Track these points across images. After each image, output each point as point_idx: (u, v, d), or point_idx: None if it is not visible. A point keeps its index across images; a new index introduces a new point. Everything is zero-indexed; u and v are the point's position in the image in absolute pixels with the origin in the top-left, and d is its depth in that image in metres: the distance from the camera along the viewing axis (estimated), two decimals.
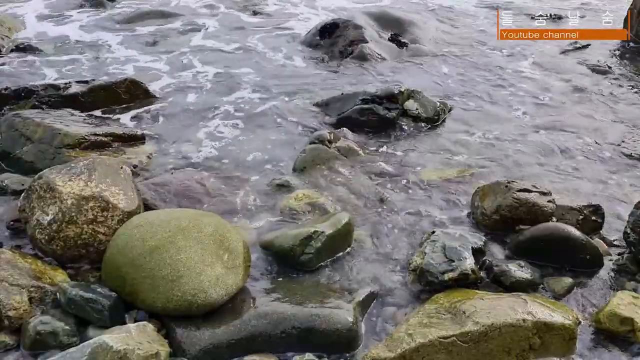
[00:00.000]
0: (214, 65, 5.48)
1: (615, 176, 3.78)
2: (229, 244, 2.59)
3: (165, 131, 4.17)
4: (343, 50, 5.76)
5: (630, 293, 2.65)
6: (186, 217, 2.64)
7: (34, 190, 2.78)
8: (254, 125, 4.33)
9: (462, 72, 5.45)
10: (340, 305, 2.52)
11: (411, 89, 4.48)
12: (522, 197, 3.07)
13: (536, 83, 5.25)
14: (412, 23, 6.34)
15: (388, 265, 2.93)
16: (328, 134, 3.93)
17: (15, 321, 2.37)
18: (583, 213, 3.13)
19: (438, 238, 2.83)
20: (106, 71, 5.27)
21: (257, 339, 2.37)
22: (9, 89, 4.31)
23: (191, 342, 2.34)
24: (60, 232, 2.67)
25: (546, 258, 2.87)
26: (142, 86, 4.65)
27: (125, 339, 2.16)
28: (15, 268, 2.52)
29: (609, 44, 6.10)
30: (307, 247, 2.79)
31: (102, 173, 2.88)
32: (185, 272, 2.42)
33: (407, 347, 2.22)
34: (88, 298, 2.40)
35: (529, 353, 2.31)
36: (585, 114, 4.65)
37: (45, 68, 5.32)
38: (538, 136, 4.30)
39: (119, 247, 2.56)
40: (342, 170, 3.70)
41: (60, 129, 3.60)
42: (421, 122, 4.32)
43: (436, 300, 2.55)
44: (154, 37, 6.20)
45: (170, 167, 3.70)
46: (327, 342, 2.38)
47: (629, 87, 5.12)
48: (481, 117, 4.59)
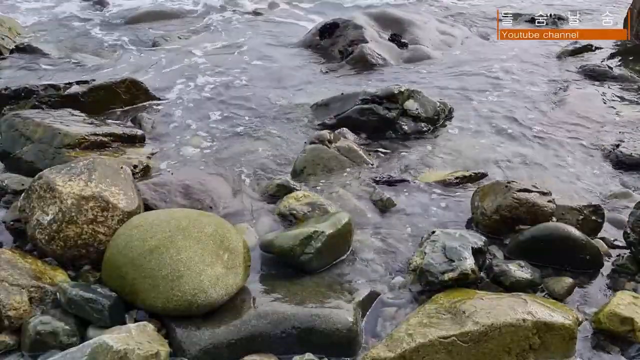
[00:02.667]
0: (214, 65, 5.48)
1: (615, 176, 3.78)
2: (229, 244, 2.59)
3: (165, 131, 4.18)
4: (343, 50, 5.76)
5: (630, 293, 2.65)
6: (186, 217, 2.64)
7: (34, 190, 2.78)
8: (254, 125, 4.33)
9: (462, 72, 5.45)
10: (340, 305, 2.52)
11: (411, 89, 4.48)
12: (522, 197, 3.07)
13: (535, 83, 5.24)
14: (412, 23, 6.34)
15: (388, 265, 2.92)
16: (328, 134, 3.93)
17: (15, 321, 2.37)
18: (583, 213, 3.13)
19: (438, 238, 2.83)
20: (106, 71, 5.27)
21: (257, 339, 2.37)
22: (9, 89, 4.31)
23: (191, 342, 2.34)
24: (60, 232, 2.66)
25: (546, 258, 2.87)
26: (142, 86, 4.65)
27: (125, 339, 2.16)
28: (15, 268, 2.52)
29: (609, 44, 6.10)
30: (307, 247, 2.79)
31: (102, 173, 2.88)
32: (185, 272, 2.42)
33: (407, 347, 2.22)
34: (88, 298, 2.40)
35: (529, 353, 2.31)
36: (585, 114, 4.65)
37: (45, 68, 5.32)
38: (538, 136, 4.29)
39: (119, 247, 2.56)
40: (342, 171, 3.70)
41: (60, 129, 3.60)
42: (421, 122, 4.32)
43: (436, 300, 2.55)
44: (154, 36, 6.20)
45: (170, 167, 3.70)
46: (327, 342, 2.38)
47: (629, 87, 5.12)
48: (481, 117, 4.59)
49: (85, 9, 7.05)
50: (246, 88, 4.98)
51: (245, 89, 4.97)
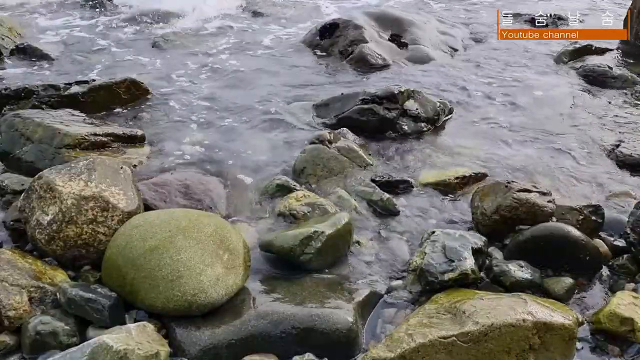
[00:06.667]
0: (214, 65, 5.48)
1: (615, 176, 3.78)
2: (229, 244, 2.59)
3: (166, 131, 4.17)
4: (343, 50, 5.75)
5: (630, 293, 2.66)
6: (186, 217, 2.64)
7: (34, 190, 2.78)
8: (254, 125, 4.32)
9: (462, 73, 5.45)
10: (340, 305, 2.52)
11: (411, 89, 4.47)
12: (522, 197, 3.07)
13: (535, 83, 5.24)
14: (412, 23, 6.33)
15: (388, 265, 2.93)
16: (328, 134, 3.92)
17: (15, 321, 2.37)
18: (583, 213, 3.13)
19: (438, 238, 2.82)
20: (106, 71, 5.27)
21: (257, 339, 2.37)
22: (9, 89, 4.30)
23: (191, 342, 2.34)
24: (60, 232, 2.66)
25: (546, 258, 2.87)
26: (142, 86, 4.64)
27: (125, 339, 2.16)
28: (15, 268, 2.52)
29: (609, 44, 6.09)
30: (307, 247, 2.79)
31: (102, 173, 2.88)
32: (185, 272, 2.42)
33: (407, 347, 2.22)
34: (88, 298, 2.40)
35: (529, 353, 2.31)
36: (585, 114, 4.65)
37: (45, 68, 5.32)
38: (538, 136, 4.29)
39: (119, 247, 2.56)
40: (342, 171, 3.70)
41: (60, 129, 3.60)
42: (421, 122, 4.31)
43: (436, 300, 2.55)
44: (154, 36, 6.20)
45: (171, 167, 3.70)
46: (327, 342, 2.38)
47: (628, 88, 5.12)
48: (481, 117, 4.59)
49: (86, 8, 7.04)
50: (246, 88, 4.98)
51: (245, 89, 4.97)
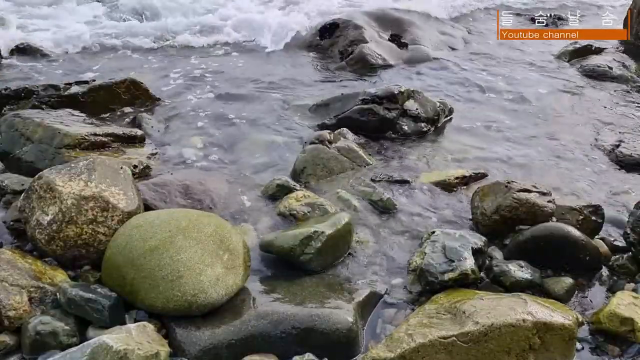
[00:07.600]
0: (214, 66, 5.48)
1: (615, 176, 3.78)
2: (229, 244, 2.59)
3: (166, 131, 4.17)
4: (343, 50, 5.76)
5: (630, 293, 2.65)
6: (186, 217, 2.64)
7: (34, 190, 2.78)
8: (254, 125, 4.32)
9: (462, 73, 5.46)
10: (340, 305, 2.52)
11: (411, 89, 4.48)
12: (522, 197, 3.07)
13: (535, 83, 5.25)
14: (412, 23, 6.34)
15: (388, 265, 2.93)
16: (328, 134, 3.92)
17: (15, 321, 2.37)
18: (583, 213, 3.13)
19: (438, 238, 2.82)
20: (106, 71, 5.27)
21: (257, 339, 2.37)
22: (9, 89, 4.31)
23: (191, 342, 2.34)
24: (60, 232, 2.66)
25: (546, 258, 2.87)
26: (142, 86, 4.64)
27: (125, 339, 2.16)
28: (15, 268, 2.51)
29: (609, 44, 6.10)
30: (307, 247, 2.79)
31: (102, 173, 2.88)
32: (185, 272, 2.42)
33: (407, 347, 2.22)
34: (88, 298, 2.40)
35: (529, 353, 2.31)
36: (585, 115, 4.66)
37: (46, 68, 5.32)
38: (538, 136, 4.30)
39: (119, 247, 2.56)
40: (342, 171, 3.70)
41: (60, 129, 3.60)
42: (421, 122, 4.32)
43: (436, 300, 2.55)
44: (154, 36, 6.20)
45: (170, 167, 3.70)
46: (327, 342, 2.38)
47: (629, 88, 5.13)
48: (481, 117, 4.59)
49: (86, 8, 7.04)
50: (246, 88, 4.98)
51: (245, 89, 4.97)
